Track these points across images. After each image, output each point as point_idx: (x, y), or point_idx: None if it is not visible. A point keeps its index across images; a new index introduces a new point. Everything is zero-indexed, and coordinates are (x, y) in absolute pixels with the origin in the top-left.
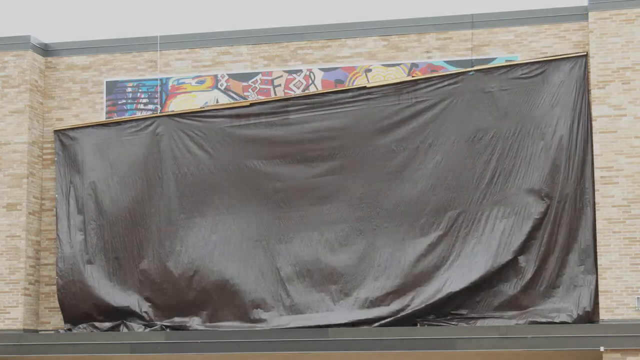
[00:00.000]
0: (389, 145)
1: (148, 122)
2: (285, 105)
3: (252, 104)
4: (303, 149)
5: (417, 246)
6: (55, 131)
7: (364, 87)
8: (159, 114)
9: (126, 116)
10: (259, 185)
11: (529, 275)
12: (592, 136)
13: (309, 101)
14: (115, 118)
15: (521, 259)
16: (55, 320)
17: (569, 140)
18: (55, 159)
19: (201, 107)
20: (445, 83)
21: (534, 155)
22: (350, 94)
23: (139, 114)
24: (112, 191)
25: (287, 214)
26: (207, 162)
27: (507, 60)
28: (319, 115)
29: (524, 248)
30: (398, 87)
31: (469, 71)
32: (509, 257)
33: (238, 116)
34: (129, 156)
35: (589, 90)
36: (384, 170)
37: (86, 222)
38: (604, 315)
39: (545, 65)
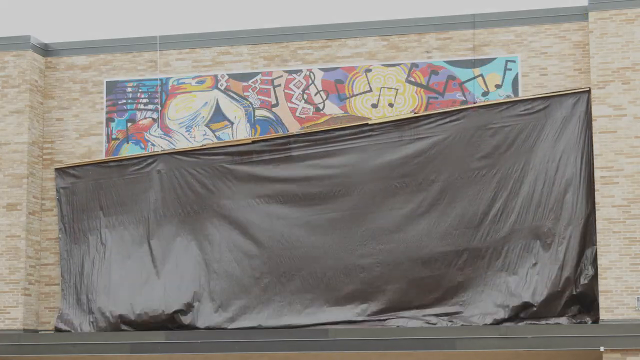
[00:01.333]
0: (391, 182)
1: (149, 160)
2: (287, 142)
3: (253, 142)
4: (305, 185)
5: (421, 284)
6: (56, 169)
7: (366, 124)
8: (160, 152)
9: (127, 154)
10: (262, 223)
11: (533, 309)
12: (593, 172)
13: (311, 138)
14: (117, 156)
15: (526, 295)
16: (55, 320)
17: (572, 176)
18: (56, 197)
19: (202, 145)
20: (447, 119)
21: (537, 191)
22: (351, 130)
23: (139, 115)
24: (116, 230)
25: (290, 251)
26: (210, 200)
27: (507, 61)
28: (320, 152)
29: (528, 285)
30: (400, 124)
31: (471, 107)
32: (514, 294)
33: (240, 153)
34: (132, 195)
35: (591, 126)
36: (386, 206)
37: (91, 260)
38: (604, 315)
39: (548, 100)
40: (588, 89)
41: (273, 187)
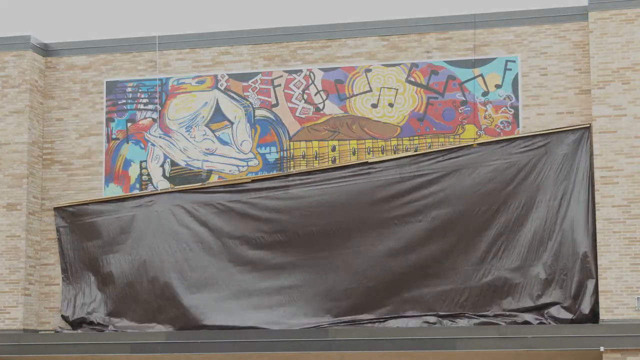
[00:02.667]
0: (391, 220)
1: (148, 199)
2: (285, 181)
3: (253, 180)
4: (304, 223)
5: (423, 325)
6: (55, 208)
7: (366, 162)
8: (158, 191)
9: (126, 193)
10: (260, 261)
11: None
12: (594, 209)
13: (310, 177)
14: (115, 195)
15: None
16: (55, 320)
17: (574, 213)
18: (57, 236)
19: (201, 184)
20: (447, 156)
21: (539, 228)
22: (351, 169)
23: (139, 115)
24: (115, 268)
25: (288, 290)
26: (208, 237)
27: (507, 61)
28: (319, 190)
29: (529, 322)
30: (399, 162)
31: (471, 145)
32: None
33: (238, 191)
34: (130, 233)
35: (592, 161)
36: (387, 245)
37: (92, 298)
38: (604, 315)
39: (549, 137)
40: (588, 125)
41: (271, 225)
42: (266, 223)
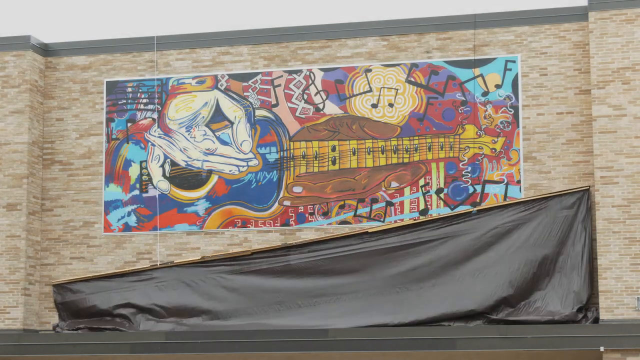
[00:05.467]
0: (393, 286)
1: (149, 275)
2: (286, 252)
3: (253, 253)
4: (305, 294)
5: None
6: (54, 285)
7: (366, 233)
8: (159, 266)
9: (127, 269)
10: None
11: None
12: (597, 266)
13: (310, 248)
14: (116, 270)
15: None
16: (55, 320)
17: (576, 271)
18: (58, 314)
19: (202, 257)
20: (447, 223)
21: (541, 290)
22: (351, 240)
23: (139, 115)
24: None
25: None
26: (208, 310)
27: (507, 61)
28: (320, 261)
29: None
30: (400, 230)
31: (471, 212)
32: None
33: (240, 264)
34: (130, 304)
35: (592, 224)
36: (389, 312)
37: None
38: (604, 315)
39: (549, 200)
40: (587, 187)
41: (271, 297)
42: (267, 295)
